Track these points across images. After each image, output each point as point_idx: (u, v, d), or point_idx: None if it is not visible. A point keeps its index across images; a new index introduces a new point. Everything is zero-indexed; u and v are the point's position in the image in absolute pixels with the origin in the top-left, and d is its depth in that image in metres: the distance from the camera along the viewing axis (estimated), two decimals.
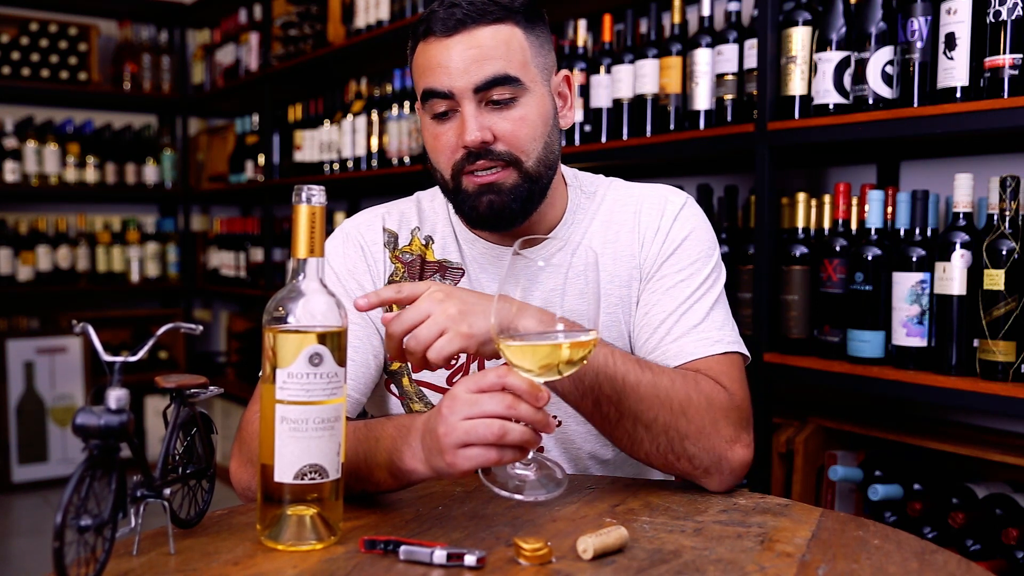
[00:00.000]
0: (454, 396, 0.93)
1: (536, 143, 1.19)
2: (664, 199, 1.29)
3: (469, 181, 1.19)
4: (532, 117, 1.19)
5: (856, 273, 1.79)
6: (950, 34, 1.63)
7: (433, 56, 1.18)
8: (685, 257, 1.25)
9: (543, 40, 1.23)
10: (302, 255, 0.91)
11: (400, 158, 3.12)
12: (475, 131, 1.15)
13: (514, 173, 1.18)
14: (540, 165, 1.20)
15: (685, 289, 1.23)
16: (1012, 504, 1.67)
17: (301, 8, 3.71)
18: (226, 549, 0.91)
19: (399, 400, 1.31)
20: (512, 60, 1.17)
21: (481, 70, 1.15)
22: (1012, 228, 1.56)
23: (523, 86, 1.18)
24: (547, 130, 1.21)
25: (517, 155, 1.18)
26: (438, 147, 1.21)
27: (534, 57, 1.20)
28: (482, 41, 1.16)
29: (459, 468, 0.92)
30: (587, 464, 1.29)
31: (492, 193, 1.18)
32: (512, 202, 1.19)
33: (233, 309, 4.88)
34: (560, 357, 0.94)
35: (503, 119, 1.17)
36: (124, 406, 0.79)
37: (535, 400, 0.93)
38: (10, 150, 4.19)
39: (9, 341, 4.08)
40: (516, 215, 1.20)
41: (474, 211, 1.20)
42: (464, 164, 1.18)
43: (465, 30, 1.16)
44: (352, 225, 1.34)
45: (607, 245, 1.27)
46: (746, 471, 1.15)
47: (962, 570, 0.89)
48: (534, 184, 1.20)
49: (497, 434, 0.90)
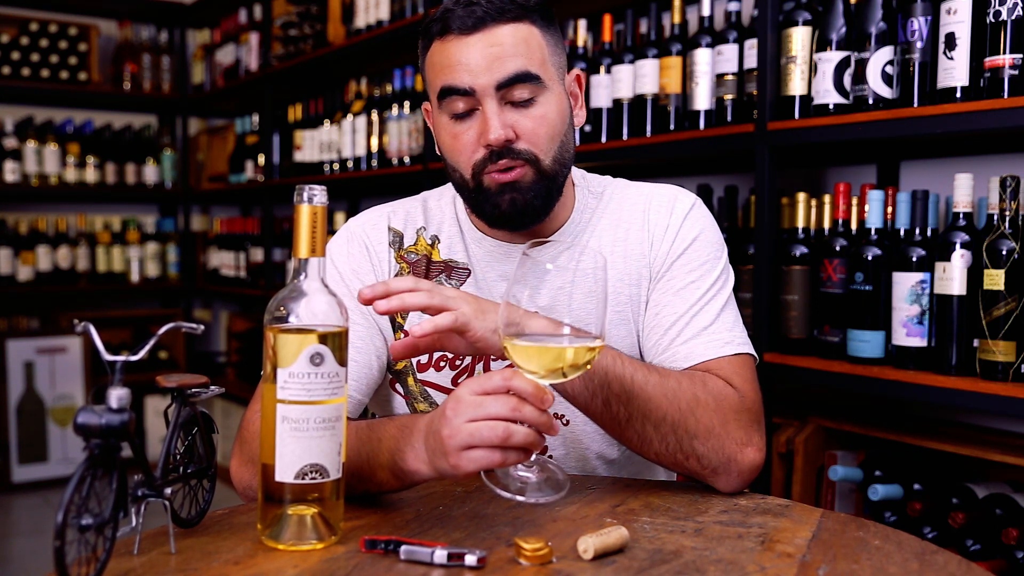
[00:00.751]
0: (458, 398, 0.93)
1: (554, 142, 1.20)
2: (673, 198, 1.29)
3: (491, 180, 1.18)
4: (552, 115, 1.19)
5: (856, 273, 1.79)
6: (950, 34, 1.63)
7: (452, 54, 1.17)
8: (695, 258, 1.25)
9: (557, 39, 1.24)
10: (303, 255, 0.91)
11: (400, 158, 3.12)
12: (499, 129, 1.15)
13: (532, 171, 1.18)
14: (556, 164, 1.20)
15: (696, 291, 1.23)
16: (1012, 504, 1.67)
17: (301, 8, 3.71)
18: (227, 549, 0.91)
19: (404, 400, 1.31)
20: (532, 58, 1.17)
21: (503, 68, 1.15)
22: (1012, 228, 1.56)
23: (543, 84, 1.18)
24: (564, 128, 1.22)
25: (536, 153, 1.18)
26: (457, 147, 1.20)
27: (551, 56, 1.21)
28: (503, 39, 1.16)
29: (463, 470, 0.92)
30: (594, 464, 1.29)
31: (514, 191, 1.18)
32: (534, 199, 1.19)
33: (233, 309, 4.88)
34: (566, 360, 0.93)
35: (524, 117, 1.17)
36: (125, 405, 0.79)
37: (540, 402, 0.92)
38: (10, 150, 4.19)
39: (9, 341, 4.08)
40: (538, 212, 1.21)
41: (496, 209, 1.20)
42: (486, 163, 1.18)
43: (485, 28, 1.16)
44: (357, 224, 1.33)
45: (616, 244, 1.27)
46: (756, 474, 1.14)
47: (962, 570, 0.89)
48: (551, 182, 1.20)
49: (501, 436, 0.90)
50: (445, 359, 1.27)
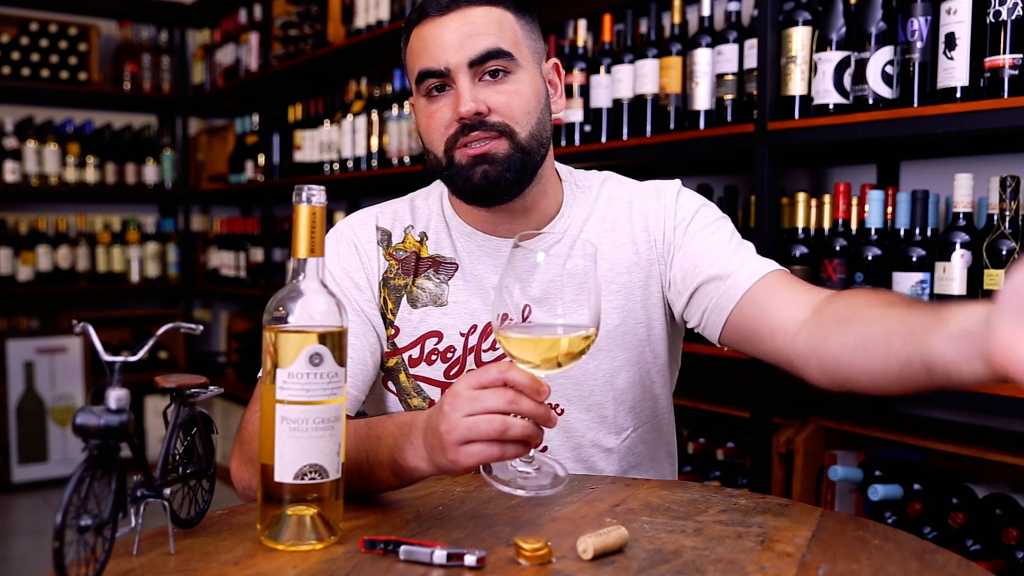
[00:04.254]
0: (456, 393, 0.93)
1: (530, 116, 1.22)
2: (656, 186, 1.33)
3: (462, 154, 1.20)
4: (525, 91, 1.22)
5: (856, 273, 1.79)
6: (950, 34, 1.63)
7: (427, 36, 1.21)
8: (706, 218, 1.29)
9: (533, 28, 1.27)
10: (302, 255, 0.91)
11: (400, 158, 3.13)
12: (469, 102, 1.17)
13: (506, 143, 1.20)
14: (533, 139, 1.22)
15: (723, 232, 1.27)
16: (1012, 504, 1.67)
17: (301, 8, 3.71)
18: (226, 549, 0.91)
19: (396, 397, 1.31)
20: (504, 37, 1.21)
21: (475, 45, 1.19)
22: (1012, 228, 1.56)
23: (515, 61, 1.21)
24: (540, 107, 1.24)
25: (511, 125, 1.20)
26: (431, 125, 1.22)
27: (525, 39, 1.24)
28: (475, 19, 1.20)
29: (462, 465, 0.93)
30: (589, 452, 1.29)
31: (486, 163, 1.20)
32: (506, 171, 1.20)
33: (233, 309, 4.88)
34: (560, 350, 0.94)
35: (497, 92, 1.20)
36: (124, 406, 0.79)
37: (536, 395, 0.93)
38: (10, 150, 4.19)
39: (9, 341, 4.08)
40: (511, 185, 1.21)
41: (468, 182, 1.21)
42: (458, 137, 1.20)
43: (458, 9, 1.20)
44: (345, 225, 1.35)
45: (603, 236, 1.29)
46: None
47: (962, 570, 0.89)
48: (527, 156, 1.21)
49: (499, 430, 0.91)
50: (436, 352, 1.28)
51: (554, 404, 1.26)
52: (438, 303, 1.29)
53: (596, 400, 1.28)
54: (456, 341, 1.28)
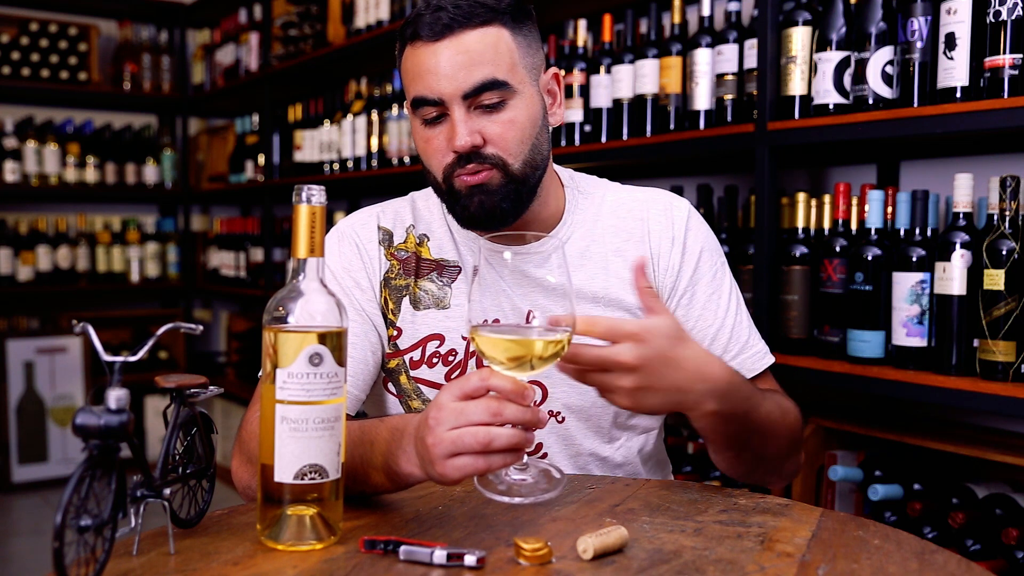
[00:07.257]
0: (440, 405, 0.93)
1: (524, 145, 1.20)
2: (669, 205, 1.33)
3: (461, 183, 1.20)
4: (521, 119, 1.20)
5: (856, 273, 1.79)
6: (950, 34, 1.63)
7: (421, 62, 1.18)
8: (710, 267, 1.31)
9: (531, 39, 1.23)
10: (302, 255, 0.91)
11: (400, 158, 3.13)
12: (465, 136, 1.16)
13: (499, 174, 1.19)
14: (526, 167, 1.21)
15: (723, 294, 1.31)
16: (1012, 504, 1.67)
17: (301, 8, 3.71)
18: (226, 549, 0.91)
19: (397, 399, 1.31)
20: (500, 64, 1.17)
21: (470, 76, 1.16)
22: (1012, 228, 1.56)
23: (512, 89, 1.18)
24: (535, 131, 1.22)
25: (504, 157, 1.19)
26: (429, 151, 1.22)
27: (522, 58, 1.21)
28: (469, 46, 1.16)
29: (450, 478, 0.92)
30: (587, 461, 1.29)
31: (482, 194, 1.19)
32: (501, 201, 1.20)
33: (233, 309, 4.88)
34: (533, 351, 0.94)
35: (492, 122, 1.18)
36: (124, 406, 0.79)
37: (521, 399, 0.92)
38: (10, 150, 4.19)
39: (9, 341, 4.08)
40: (507, 214, 1.22)
41: (465, 211, 1.21)
42: (455, 167, 1.20)
43: (452, 35, 1.16)
44: (347, 224, 1.35)
45: (617, 254, 1.30)
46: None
47: (962, 570, 0.89)
48: (521, 185, 1.21)
49: (483, 442, 0.90)
50: (438, 355, 1.28)
51: (555, 412, 1.26)
52: (440, 306, 1.29)
53: (596, 411, 1.28)
54: (458, 344, 1.28)
